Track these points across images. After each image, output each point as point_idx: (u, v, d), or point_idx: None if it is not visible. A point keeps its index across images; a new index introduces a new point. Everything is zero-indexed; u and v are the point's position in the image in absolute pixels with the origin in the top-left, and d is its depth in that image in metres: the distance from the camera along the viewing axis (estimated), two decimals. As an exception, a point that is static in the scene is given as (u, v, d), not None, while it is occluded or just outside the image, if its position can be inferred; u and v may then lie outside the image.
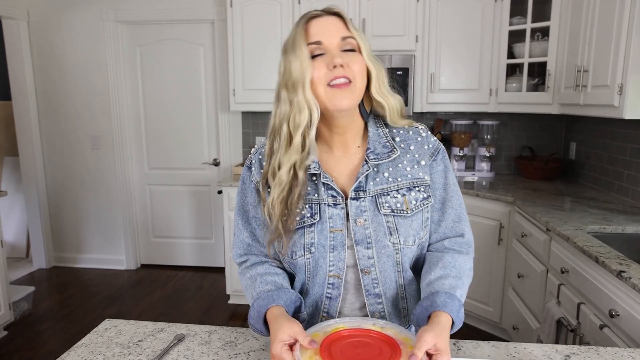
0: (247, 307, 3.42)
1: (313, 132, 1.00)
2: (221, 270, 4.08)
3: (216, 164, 3.98)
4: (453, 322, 0.96)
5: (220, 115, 3.85)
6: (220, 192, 3.39)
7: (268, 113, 4.24)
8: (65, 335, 3.03)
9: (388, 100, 1.04)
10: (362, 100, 1.05)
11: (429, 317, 0.96)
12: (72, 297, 3.61)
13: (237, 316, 3.33)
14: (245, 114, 3.93)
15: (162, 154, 4.07)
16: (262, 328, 1.00)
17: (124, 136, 3.99)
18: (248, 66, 3.39)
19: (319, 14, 1.00)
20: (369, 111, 1.09)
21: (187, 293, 3.71)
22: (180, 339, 1.10)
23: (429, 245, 1.12)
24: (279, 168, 1.01)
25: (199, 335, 1.13)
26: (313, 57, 0.97)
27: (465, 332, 3.06)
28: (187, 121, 3.98)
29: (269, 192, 1.03)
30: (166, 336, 1.12)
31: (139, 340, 1.10)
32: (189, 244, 4.20)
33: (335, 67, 0.96)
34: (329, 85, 0.97)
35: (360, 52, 1.00)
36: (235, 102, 3.47)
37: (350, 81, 0.97)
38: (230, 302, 3.53)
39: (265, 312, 0.99)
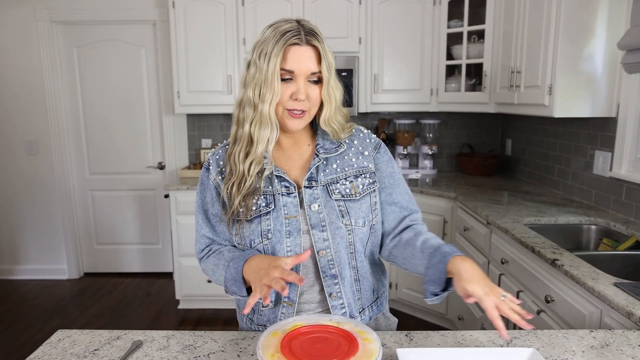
0: (198, 312, 3.40)
1: (271, 147, 1.13)
2: (169, 276, 4.01)
3: (161, 167, 3.90)
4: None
5: (165, 118, 3.77)
6: (167, 196, 3.33)
7: (214, 115, 4.15)
8: (3, 352, 2.87)
9: (333, 126, 1.16)
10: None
11: (447, 271, 1.05)
12: (10, 312, 3.42)
13: (188, 321, 3.28)
14: (190, 116, 3.87)
15: (104, 158, 3.93)
16: (241, 287, 1.07)
17: (62, 141, 3.83)
18: (193, 68, 3.34)
19: (299, 43, 1.05)
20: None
21: (135, 301, 3.61)
22: (137, 345, 1.09)
23: (397, 228, 1.24)
24: (238, 160, 1.12)
25: (157, 340, 1.12)
26: (282, 79, 1.07)
27: (414, 325, 3.18)
28: (130, 124, 3.87)
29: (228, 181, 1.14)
30: (123, 343, 1.10)
31: (95, 350, 1.08)
32: (135, 249, 4.08)
33: (297, 100, 1.07)
34: (287, 109, 1.09)
35: (322, 84, 1.10)
36: (180, 104, 3.41)
37: (305, 111, 1.10)
38: (180, 307, 3.47)
39: (243, 266, 1.06)
